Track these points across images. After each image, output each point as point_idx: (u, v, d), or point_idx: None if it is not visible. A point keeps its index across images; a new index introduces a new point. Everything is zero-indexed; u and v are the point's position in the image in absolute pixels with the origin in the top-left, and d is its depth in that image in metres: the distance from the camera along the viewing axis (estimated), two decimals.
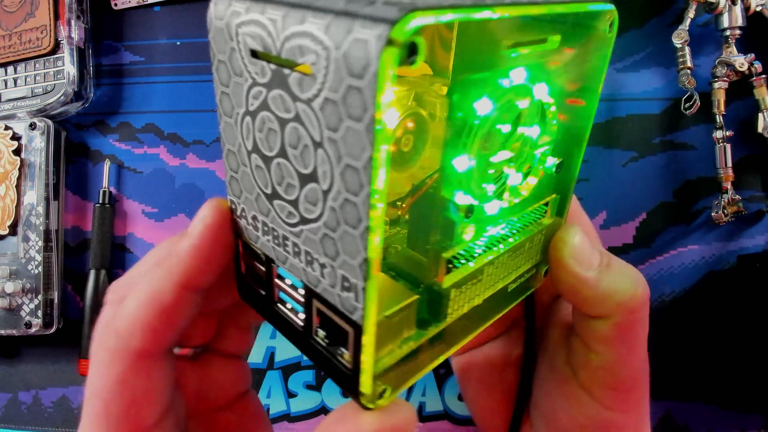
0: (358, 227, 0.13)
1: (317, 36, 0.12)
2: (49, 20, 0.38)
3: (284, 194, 0.15)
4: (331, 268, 0.14)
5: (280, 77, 0.14)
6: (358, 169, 0.12)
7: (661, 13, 0.37)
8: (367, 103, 0.12)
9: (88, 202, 0.40)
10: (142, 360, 0.17)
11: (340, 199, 0.13)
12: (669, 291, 0.35)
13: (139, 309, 0.17)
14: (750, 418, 0.34)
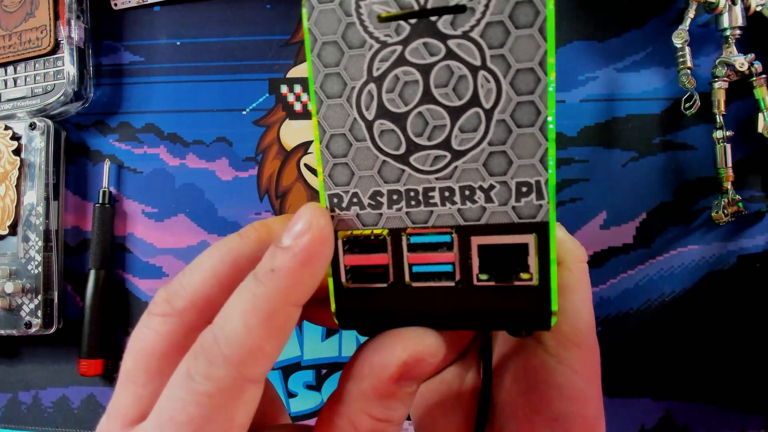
0: (537, 122, 0.15)
1: None
2: (49, 20, 0.38)
3: (428, 141, 0.16)
4: (500, 186, 0.15)
5: (424, 26, 0.15)
6: (533, 68, 0.15)
7: (661, 13, 0.37)
8: (538, 6, 0.14)
9: (88, 202, 0.40)
10: (251, 385, 0.15)
11: (510, 107, 0.15)
12: (669, 291, 0.35)
13: (251, 334, 0.15)
14: (750, 418, 0.34)
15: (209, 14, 0.40)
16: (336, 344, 0.37)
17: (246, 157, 0.39)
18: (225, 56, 0.39)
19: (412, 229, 0.16)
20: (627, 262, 0.36)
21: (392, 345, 0.16)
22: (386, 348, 0.16)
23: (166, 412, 0.16)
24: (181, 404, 0.15)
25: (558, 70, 0.37)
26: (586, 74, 0.37)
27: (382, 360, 0.16)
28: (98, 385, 0.39)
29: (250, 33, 0.39)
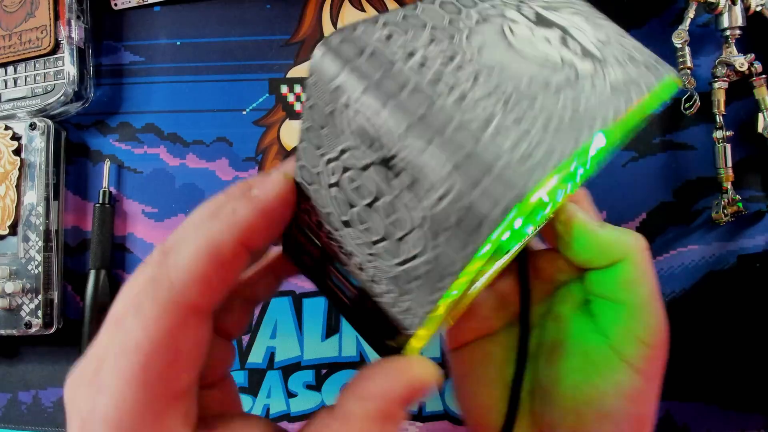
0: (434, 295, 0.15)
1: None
2: (49, 20, 0.38)
3: (360, 225, 0.16)
4: (393, 295, 0.16)
5: (383, 169, 0.14)
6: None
7: (661, 13, 0.37)
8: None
9: (88, 202, 0.40)
10: (193, 316, 0.16)
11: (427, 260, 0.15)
12: (669, 291, 0.35)
13: (197, 260, 0.16)
14: (750, 418, 0.34)
15: (209, 14, 0.40)
16: (336, 344, 0.37)
17: (246, 157, 0.39)
18: (225, 56, 0.39)
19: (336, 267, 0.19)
20: None
21: (402, 371, 0.17)
22: (396, 372, 0.17)
23: (118, 337, 0.17)
24: (132, 329, 0.16)
25: None
26: None
27: (392, 383, 0.17)
28: None
29: (250, 33, 0.39)
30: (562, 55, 0.17)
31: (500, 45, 0.16)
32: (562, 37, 0.18)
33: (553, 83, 0.16)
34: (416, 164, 0.13)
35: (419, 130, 0.13)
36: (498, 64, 0.15)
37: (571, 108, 0.15)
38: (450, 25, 0.16)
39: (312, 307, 0.37)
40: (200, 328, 0.16)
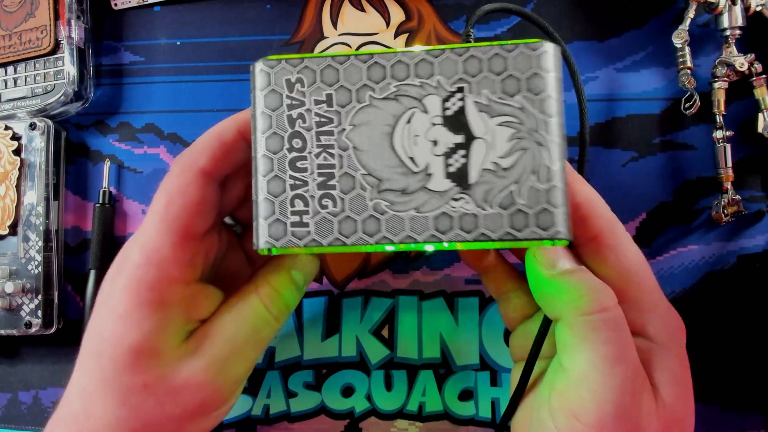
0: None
1: None
2: (49, 20, 0.38)
3: None
4: None
5: None
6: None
7: (661, 13, 0.37)
8: None
9: (88, 202, 0.40)
10: (202, 176, 0.22)
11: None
12: (669, 291, 0.35)
13: (208, 138, 0.23)
14: (750, 418, 0.34)
15: (209, 14, 0.40)
16: (336, 344, 0.37)
17: None
18: (225, 56, 0.39)
19: None
20: None
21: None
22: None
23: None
24: (162, 186, 0.23)
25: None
26: (586, 74, 0.37)
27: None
28: None
29: (250, 33, 0.39)
30: (429, 162, 0.19)
31: (380, 129, 0.19)
32: (455, 147, 0.19)
33: (392, 183, 0.19)
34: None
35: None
36: (359, 145, 0.19)
37: (375, 209, 0.19)
38: (356, 92, 0.19)
39: (312, 307, 0.37)
40: (207, 188, 0.22)
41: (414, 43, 0.38)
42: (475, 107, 0.19)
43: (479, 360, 0.36)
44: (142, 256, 0.21)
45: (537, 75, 0.20)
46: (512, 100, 0.20)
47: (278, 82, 0.20)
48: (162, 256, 0.21)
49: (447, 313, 0.36)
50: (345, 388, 0.37)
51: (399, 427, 0.36)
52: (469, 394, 0.36)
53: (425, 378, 0.36)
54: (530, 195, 0.19)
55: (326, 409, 0.37)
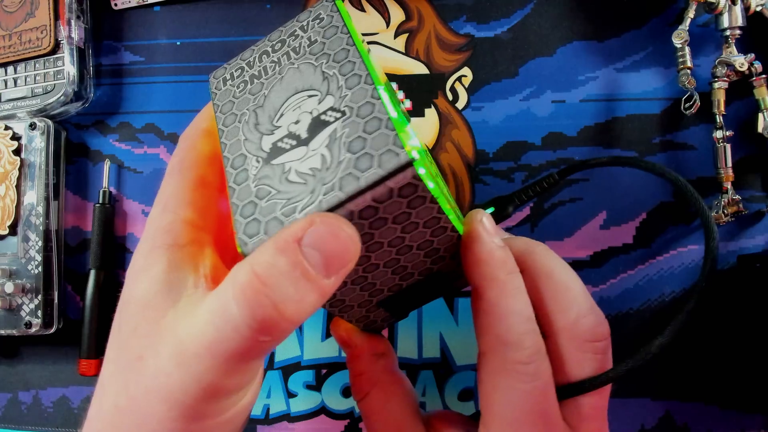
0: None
1: None
2: (49, 20, 0.38)
3: None
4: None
5: None
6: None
7: (661, 13, 0.37)
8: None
9: (88, 202, 0.40)
10: (206, 133, 0.23)
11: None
12: (669, 291, 0.35)
13: (204, 109, 0.25)
14: (750, 418, 0.34)
15: (209, 14, 0.40)
16: (336, 344, 0.37)
17: None
18: (225, 56, 0.39)
19: None
20: (627, 262, 0.36)
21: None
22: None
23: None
24: (164, 181, 0.23)
25: (558, 70, 0.37)
26: (586, 74, 0.37)
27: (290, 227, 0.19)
28: None
29: (250, 33, 0.39)
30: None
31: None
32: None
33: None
34: None
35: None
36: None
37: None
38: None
39: None
40: (215, 144, 0.23)
41: (414, 43, 0.38)
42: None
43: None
44: (158, 207, 0.22)
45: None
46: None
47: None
48: (177, 201, 0.21)
49: (447, 313, 0.36)
50: (345, 388, 0.37)
51: None
52: (469, 394, 0.36)
53: (425, 378, 0.36)
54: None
55: (326, 409, 0.37)
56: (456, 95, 0.37)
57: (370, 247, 0.20)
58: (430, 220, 0.20)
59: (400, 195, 0.18)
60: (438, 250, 0.22)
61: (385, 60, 0.38)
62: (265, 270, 0.17)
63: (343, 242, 0.17)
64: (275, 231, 0.18)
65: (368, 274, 0.21)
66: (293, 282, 0.17)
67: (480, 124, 0.37)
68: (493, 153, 0.37)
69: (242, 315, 0.17)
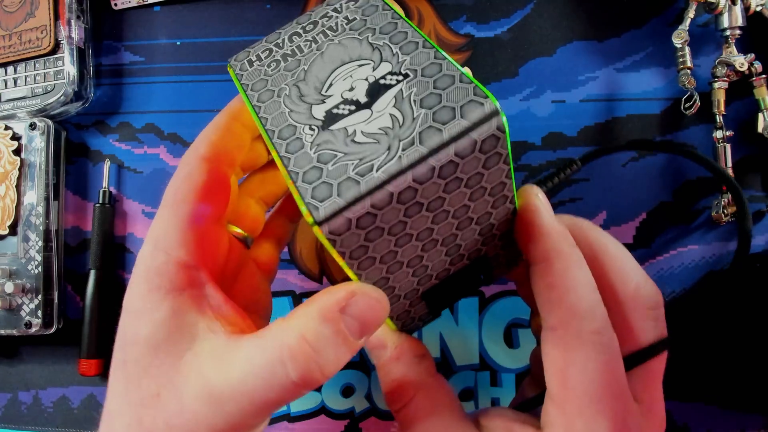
0: None
1: None
2: (49, 20, 0.38)
3: None
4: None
5: None
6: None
7: (661, 13, 0.37)
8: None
9: (88, 202, 0.40)
10: (204, 161, 0.23)
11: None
12: (669, 291, 0.35)
13: (205, 130, 0.26)
14: (750, 418, 0.34)
15: (209, 14, 0.40)
16: None
17: None
18: (225, 56, 0.39)
19: None
20: None
21: (344, 286, 0.20)
22: (338, 288, 0.21)
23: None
24: (157, 213, 0.23)
25: (558, 70, 0.37)
26: (586, 74, 0.37)
27: (333, 292, 0.20)
28: (98, 385, 0.39)
29: (250, 33, 0.39)
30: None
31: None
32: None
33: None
34: None
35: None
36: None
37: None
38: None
39: None
40: (210, 172, 0.23)
41: None
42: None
43: (479, 360, 0.36)
44: (150, 245, 0.22)
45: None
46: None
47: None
48: (169, 241, 0.21)
49: (447, 313, 0.36)
50: (345, 388, 0.37)
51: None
52: (469, 393, 0.36)
53: None
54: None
55: (326, 409, 0.37)
56: None
57: (437, 216, 0.19)
58: (497, 186, 0.19)
59: (481, 149, 0.17)
60: (492, 227, 0.21)
61: None
62: (314, 337, 0.19)
63: (378, 312, 0.20)
64: (350, 192, 0.17)
65: (425, 253, 0.21)
66: (335, 347, 0.19)
67: None
68: None
69: (293, 374, 0.19)
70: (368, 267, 0.20)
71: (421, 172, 0.17)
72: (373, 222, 0.17)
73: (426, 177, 0.17)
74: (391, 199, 0.17)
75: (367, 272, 0.20)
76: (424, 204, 0.18)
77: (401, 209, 0.18)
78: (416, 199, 0.18)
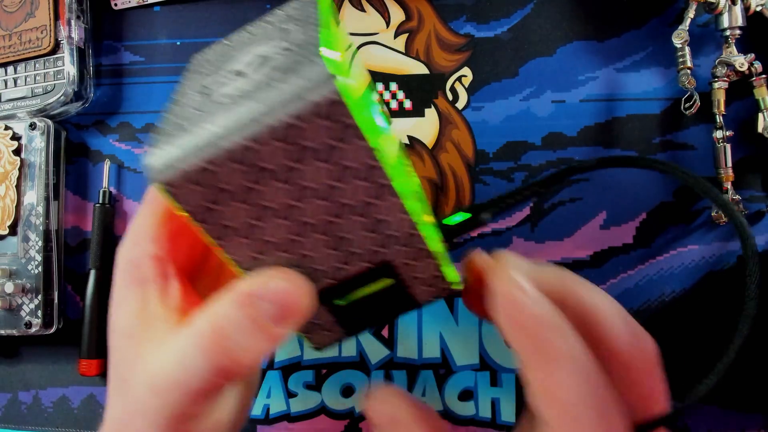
0: None
1: None
2: (49, 20, 0.38)
3: None
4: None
5: None
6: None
7: (661, 13, 0.37)
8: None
9: (88, 202, 0.40)
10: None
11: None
12: (669, 291, 0.35)
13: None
14: (750, 418, 0.34)
15: (209, 14, 0.40)
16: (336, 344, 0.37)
17: None
18: None
19: None
20: (627, 262, 0.36)
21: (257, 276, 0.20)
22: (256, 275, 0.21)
23: None
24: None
25: (558, 70, 0.37)
26: (586, 74, 0.37)
27: (250, 281, 0.20)
28: (98, 385, 0.39)
29: None
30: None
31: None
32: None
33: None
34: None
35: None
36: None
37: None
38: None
39: None
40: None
41: (414, 43, 0.38)
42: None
43: (479, 360, 0.36)
44: (128, 239, 0.23)
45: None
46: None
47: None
48: (143, 236, 0.22)
49: (447, 313, 0.36)
50: (345, 388, 0.37)
51: None
52: (469, 394, 0.36)
53: (425, 378, 0.36)
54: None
55: (326, 409, 0.37)
56: (456, 95, 0.37)
57: (299, 193, 0.18)
58: (366, 170, 0.18)
59: (321, 114, 0.16)
60: (386, 225, 0.19)
61: (385, 60, 0.38)
62: (225, 322, 0.19)
63: (297, 297, 0.19)
64: (185, 143, 0.17)
65: (302, 238, 0.19)
66: (247, 333, 0.19)
67: (480, 124, 0.37)
68: (493, 153, 0.37)
69: (203, 361, 0.19)
70: (228, 239, 0.19)
71: (255, 129, 0.16)
72: (213, 180, 0.17)
73: (261, 136, 0.16)
74: (226, 155, 0.17)
75: (229, 245, 0.19)
76: (274, 171, 0.17)
77: (244, 171, 0.17)
78: (258, 162, 0.17)
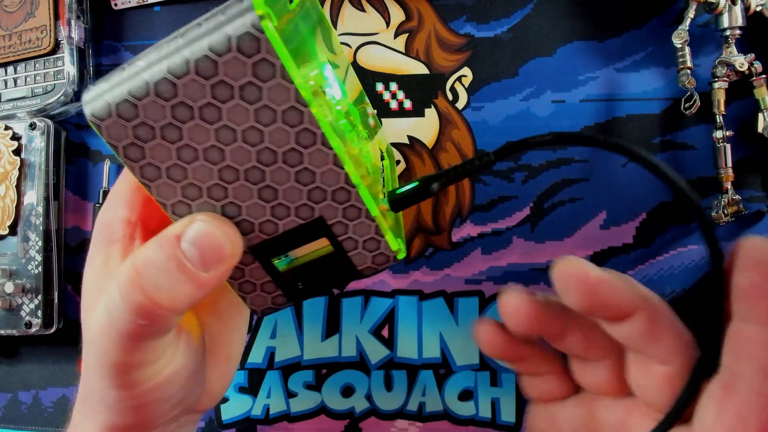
0: None
1: None
2: (49, 20, 0.38)
3: None
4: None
5: None
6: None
7: (661, 13, 0.37)
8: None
9: (88, 202, 0.40)
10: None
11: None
12: (669, 291, 0.35)
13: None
14: None
15: None
16: (336, 344, 0.37)
17: None
18: None
19: None
20: (627, 262, 0.36)
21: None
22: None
23: None
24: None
25: (558, 70, 0.37)
26: (586, 74, 0.37)
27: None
28: None
29: None
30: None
31: None
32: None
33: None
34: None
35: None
36: None
37: None
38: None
39: (312, 307, 0.37)
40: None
41: (414, 43, 0.38)
42: None
43: (479, 360, 0.36)
44: (106, 203, 0.24)
45: None
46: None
47: None
48: (117, 199, 0.24)
49: (447, 313, 0.36)
50: (345, 388, 0.37)
51: (399, 427, 0.36)
52: (469, 394, 0.36)
53: (425, 378, 0.36)
54: None
55: (326, 409, 0.37)
56: (456, 95, 0.37)
57: (222, 133, 0.18)
58: (291, 113, 0.17)
59: (240, 49, 0.16)
60: (317, 177, 0.19)
61: (385, 60, 0.38)
62: (142, 262, 0.19)
63: (219, 240, 0.19)
64: (113, 78, 0.18)
65: (228, 185, 0.19)
66: (167, 274, 0.19)
67: (480, 124, 0.37)
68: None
69: (122, 302, 0.19)
70: (154, 179, 0.19)
71: (175, 62, 0.17)
72: (135, 114, 0.18)
73: (180, 69, 0.17)
74: (147, 88, 0.17)
75: (158, 188, 0.19)
76: (194, 109, 0.17)
77: (165, 107, 0.17)
78: (179, 98, 0.17)
